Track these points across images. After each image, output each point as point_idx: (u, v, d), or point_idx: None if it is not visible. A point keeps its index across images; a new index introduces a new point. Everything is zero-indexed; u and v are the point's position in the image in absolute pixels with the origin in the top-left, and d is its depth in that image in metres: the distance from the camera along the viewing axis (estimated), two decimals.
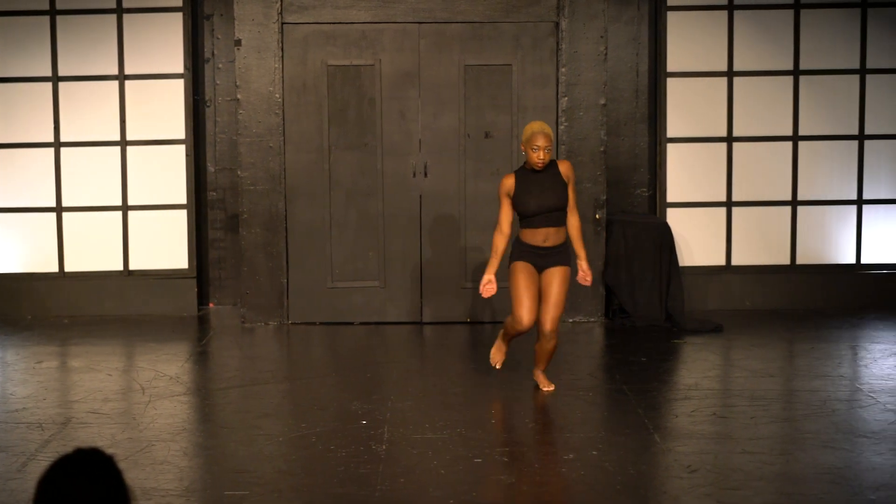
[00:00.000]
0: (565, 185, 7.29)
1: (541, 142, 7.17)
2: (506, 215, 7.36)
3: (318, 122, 9.82)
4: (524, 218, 7.30)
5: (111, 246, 10.32)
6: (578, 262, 7.48)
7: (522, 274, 7.29)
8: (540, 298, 7.33)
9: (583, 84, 9.72)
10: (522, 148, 7.28)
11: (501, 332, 7.65)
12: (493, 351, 7.78)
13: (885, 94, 10.33)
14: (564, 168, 7.33)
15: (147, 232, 10.32)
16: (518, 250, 7.35)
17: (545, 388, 7.55)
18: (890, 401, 7.17)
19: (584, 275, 7.47)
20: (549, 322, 7.30)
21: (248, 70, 9.72)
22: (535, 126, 7.24)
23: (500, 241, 7.36)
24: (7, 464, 6.05)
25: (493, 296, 7.49)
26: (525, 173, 7.31)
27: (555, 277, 7.30)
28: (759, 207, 10.39)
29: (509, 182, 7.30)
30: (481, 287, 7.34)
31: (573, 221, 7.38)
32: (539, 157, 7.18)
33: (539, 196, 7.24)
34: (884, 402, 7.14)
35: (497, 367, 7.77)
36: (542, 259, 7.31)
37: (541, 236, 7.28)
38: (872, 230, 10.41)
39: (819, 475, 5.75)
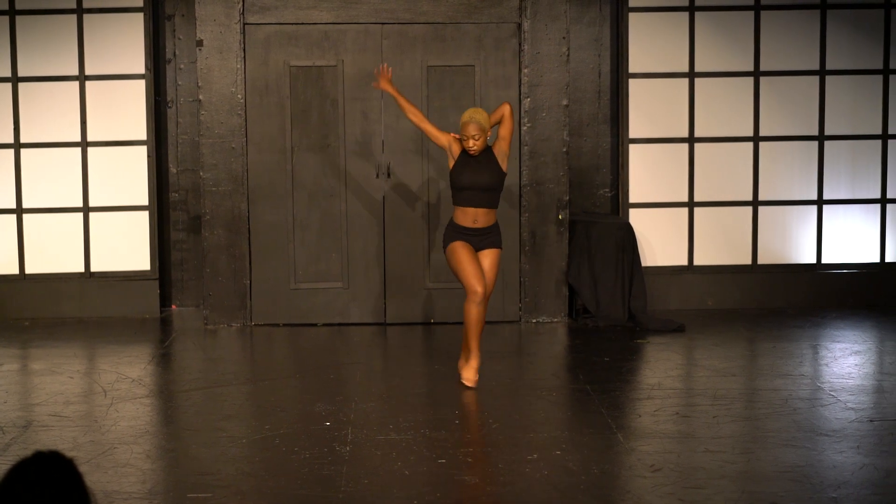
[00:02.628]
0: (500, 170, 7.58)
1: (471, 130, 7.46)
2: (431, 125, 7.79)
3: (281, 122, 9.79)
4: (456, 192, 7.60)
5: (72, 248, 10.25)
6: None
7: (461, 250, 7.52)
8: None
9: (545, 85, 9.74)
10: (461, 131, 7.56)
11: (463, 341, 7.69)
12: (463, 369, 7.71)
13: (844, 95, 10.41)
14: (499, 145, 7.62)
15: (108, 233, 10.25)
16: (450, 234, 7.63)
17: (467, 380, 7.66)
18: (850, 399, 7.22)
19: None
20: (482, 291, 7.50)
21: (210, 71, 9.69)
22: (467, 115, 7.53)
23: (413, 109, 7.80)
24: None
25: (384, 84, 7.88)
26: (465, 152, 7.63)
27: (486, 258, 7.58)
28: (721, 208, 10.45)
29: (457, 144, 7.62)
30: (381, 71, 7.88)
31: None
32: (469, 145, 7.49)
33: (473, 173, 7.52)
34: (844, 400, 7.20)
35: (471, 385, 7.62)
36: (474, 239, 7.57)
37: (470, 216, 7.56)
38: (832, 230, 10.49)
39: (781, 473, 5.79)
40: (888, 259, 10.54)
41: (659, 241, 10.44)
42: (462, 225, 7.58)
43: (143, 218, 10.27)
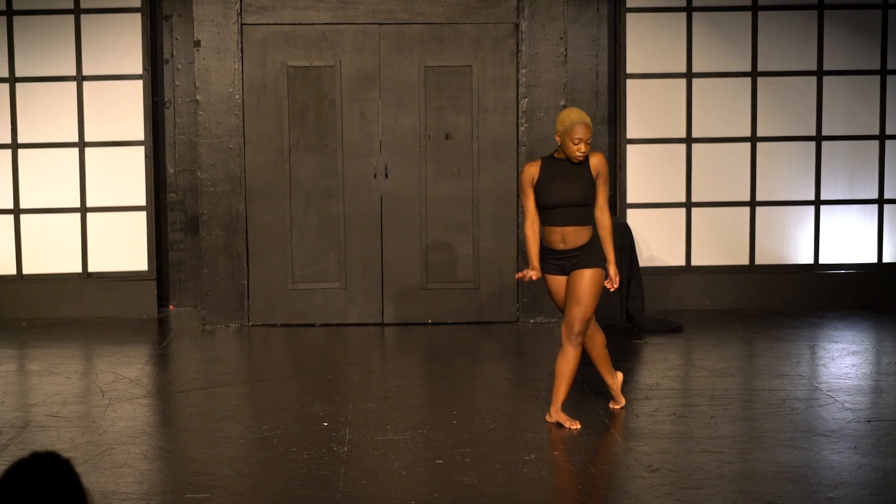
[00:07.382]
0: (593, 181, 6.61)
1: (581, 133, 6.45)
2: (531, 203, 6.63)
3: (278, 123, 9.79)
4: (544, 210, 6.60)
5: (70, 248, 10.25)
6: (607, 265, 6.65)
7: (551, 287, 6.72)
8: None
9: (543, 85, 9.74)
10: (558, 138, 6.54)
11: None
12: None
13: (841, 95, 10.41)
14: (595, 160, 6.60)
15: (106, 234, 10.25)
16: (543, 259, 6.69)
17: (572, 426, 6.67)
18: (848, 399, 7.22)
19: (610, 280, 6.63)
20: (575, 323, 6.58)
21: (208, 71, 9.68)
22: (575, 115, 6.49)
23: (531, 231, 6.65)
24: None
25: (532, 281, 6.62)
26: (551, 162, 6.63)
27: (581, 277, 6.57)
28: (718, 208, 10.45)
29: (533, 170, 6.62)
30: (523, 275, 6.58)
31: (603, 220, 6.67)
32: (581, 150, 6.48)
33: (563, 187, 6.53)
34: (842, 400, 7.20)
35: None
36: (565, 262, 6.62)
37: (558, 236, 6.58)
38: (830, 230, 10.49)
39: (778, 474, 5.79)
40: (885, 259, 10.55)
41: (656, 242, 10.44)
42: (550, 247, 6.62)
43: (141, 218, 10.26)
